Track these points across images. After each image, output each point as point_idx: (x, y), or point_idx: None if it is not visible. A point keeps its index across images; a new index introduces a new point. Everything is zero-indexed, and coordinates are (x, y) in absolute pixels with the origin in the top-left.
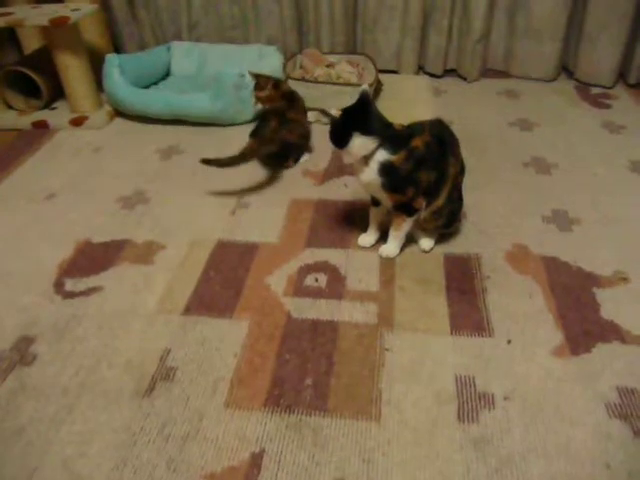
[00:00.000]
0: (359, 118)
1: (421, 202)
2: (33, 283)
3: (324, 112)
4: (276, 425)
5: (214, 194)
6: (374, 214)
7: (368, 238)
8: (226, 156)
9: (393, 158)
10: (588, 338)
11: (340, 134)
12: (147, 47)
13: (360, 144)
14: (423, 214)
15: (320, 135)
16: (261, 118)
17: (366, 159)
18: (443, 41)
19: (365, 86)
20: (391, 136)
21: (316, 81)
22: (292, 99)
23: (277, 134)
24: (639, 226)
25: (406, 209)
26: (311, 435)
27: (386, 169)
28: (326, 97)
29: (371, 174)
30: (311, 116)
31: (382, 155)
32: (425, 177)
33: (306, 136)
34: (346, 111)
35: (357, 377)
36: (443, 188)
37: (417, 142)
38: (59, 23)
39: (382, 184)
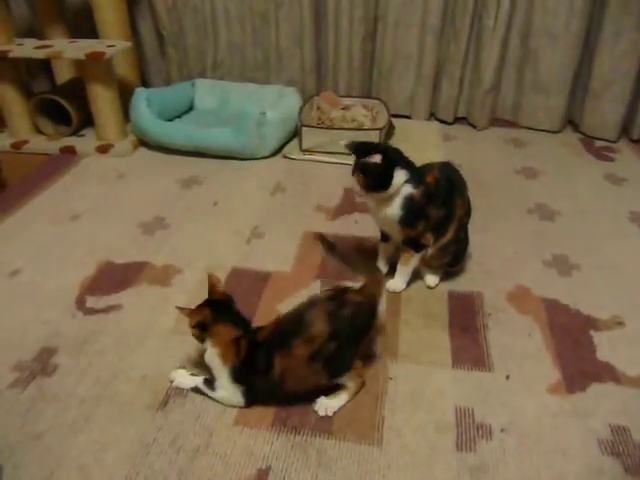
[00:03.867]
0: (393, 157)
1: (429, 238)
2: (56, 299)
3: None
4: (282, 444)
5: (231, 224)
6: (383, 249)
7: None
8: None
9: (415, 192)
10: (584, 377)
11: (385, 176)
12: (172, 83)
13: (399, 179)
14: (430, 250)
15: (335, 172)
16: None
17: (392, 194)
18: (455, 90)
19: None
20: (415, 171)
21: (331, 127)
22: None
23: None
24: (636, 273)
25: (415, 245)
26: (315, 455)
27: (407, 203)
28: (339, 141)
29: (394, 208)
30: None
31: (407, 189)
32: (435, 213)
33: None
34: (384, 157)
35: (361, 403)
36: (450, 226)
37: (429, 178)
38: (95, 57)
39: (400, 218)
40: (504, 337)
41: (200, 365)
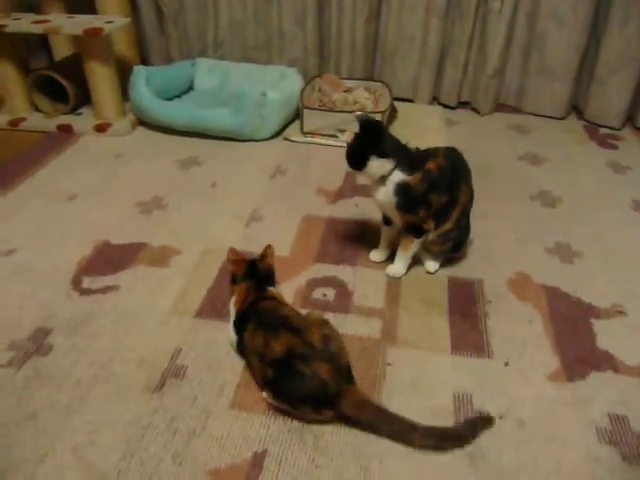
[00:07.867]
0: (374, 142)
1: (430, 224)
2: (52, 279)
3: (340, 130)
4: (279, 428)
5: (229, 206)
6: (385, 232)
7: (378, 254)
8: None
9: (409, 179)
10: (583, 366)
11: (357, 157)
12: (173, 61)
13: (376, 166)
14: (431, 236)
15: (336, 155)
16: None
17: (383, 179)
18: (459, 74)
19: (359, 113)
20: (407, 158)
21: (332, 109)
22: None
23: None
24: (638, 262)
25: (415, 230)
26: (312, 440)
27: (402, 189)
28: (341, 124)
29: (387, 194)
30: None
31: (398, 176)
32: (436, 200)
33: None
34: (360, 136)
35: (359, 388)
36: (453, 213)
37: (431, 165)
38: (93, 33)
39: (396, 204)
40: (504, 324)
41: None
